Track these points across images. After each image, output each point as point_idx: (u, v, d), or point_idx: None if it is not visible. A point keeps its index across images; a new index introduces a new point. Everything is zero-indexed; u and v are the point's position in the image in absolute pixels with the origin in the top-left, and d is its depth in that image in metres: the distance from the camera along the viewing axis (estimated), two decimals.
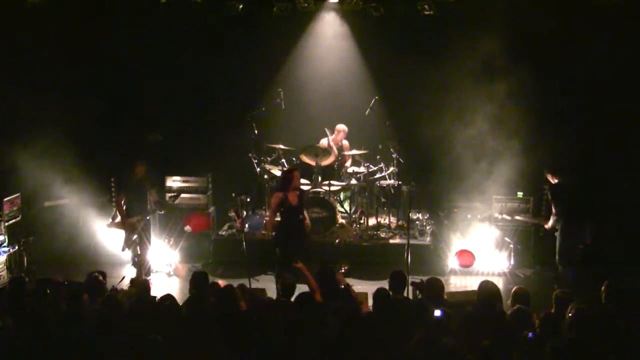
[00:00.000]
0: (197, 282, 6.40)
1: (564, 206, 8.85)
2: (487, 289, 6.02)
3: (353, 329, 5.40)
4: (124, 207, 8.82)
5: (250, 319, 5.83)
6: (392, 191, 10.70)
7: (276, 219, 8.15)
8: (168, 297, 6.03)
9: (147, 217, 9.06)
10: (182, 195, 10.37)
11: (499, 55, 9.95)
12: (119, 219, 8.84)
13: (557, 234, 8.96)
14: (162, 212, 9.42)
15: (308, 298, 6.26)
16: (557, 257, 8.94)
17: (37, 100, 10.13)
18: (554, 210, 8.95)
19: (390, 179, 10.64)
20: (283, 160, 10.69)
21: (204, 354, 5.29)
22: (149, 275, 8.98)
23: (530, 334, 5.18)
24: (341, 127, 10.90)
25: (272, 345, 5.09)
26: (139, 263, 8.91)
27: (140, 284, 6.90)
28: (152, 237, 9.26)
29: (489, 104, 10.10)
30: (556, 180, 8.96)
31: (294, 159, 10.87)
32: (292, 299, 6.34)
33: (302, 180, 9.36)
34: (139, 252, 8.94)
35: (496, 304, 5.98)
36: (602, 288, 6.21)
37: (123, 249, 8.99)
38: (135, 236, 8.84)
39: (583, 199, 8.92)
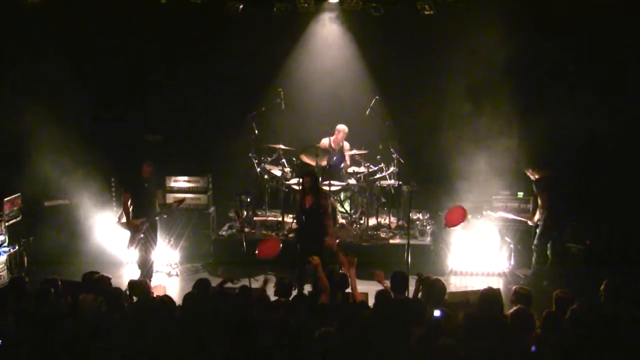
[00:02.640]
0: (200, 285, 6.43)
1: (549, 198, 8.98)
2: (491, 295, 5.98)
3: (353, 329, 5.40)
4: (130, 208, 8.80)
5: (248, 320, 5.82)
6: (392, 191, 10.72)
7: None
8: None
9: (156, 218, 9.05)
10: (182, 195, 10.38)
11: (499, 55, 9.95)
12: (125, 218, 8.81)
13: (539, 222, 9.15)
14: (166, 216, 9.38)
15: (306, 298, 6.26)
16: (534, 241, 9.16)
17: (37, 101, 10.14)
18: (540, 202, 9.09)
19: (390, 179, 10.65)
20: (283, 160, 10.69)
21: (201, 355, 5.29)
22: (151, 276, 8.96)
23: (533, 348, 5.18)
24: (341, 127, 10.89)
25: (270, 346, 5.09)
26: (142, 263, 8.89)
27: (140, 286, 6.88)
28: (157, 238, 9.20)
29: (490, 104, 10.10)
30: (537, 176, 9.08)
31: (294, 159, 10.87)
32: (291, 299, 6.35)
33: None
34: (143, 252, 8.91)
35: (497, 309, 5.95)
36: (602, 287, 6.22)
37: (128, 248, 8.97)
38: (140, 236, 8.81)
39: (566, 192, 9.03)
